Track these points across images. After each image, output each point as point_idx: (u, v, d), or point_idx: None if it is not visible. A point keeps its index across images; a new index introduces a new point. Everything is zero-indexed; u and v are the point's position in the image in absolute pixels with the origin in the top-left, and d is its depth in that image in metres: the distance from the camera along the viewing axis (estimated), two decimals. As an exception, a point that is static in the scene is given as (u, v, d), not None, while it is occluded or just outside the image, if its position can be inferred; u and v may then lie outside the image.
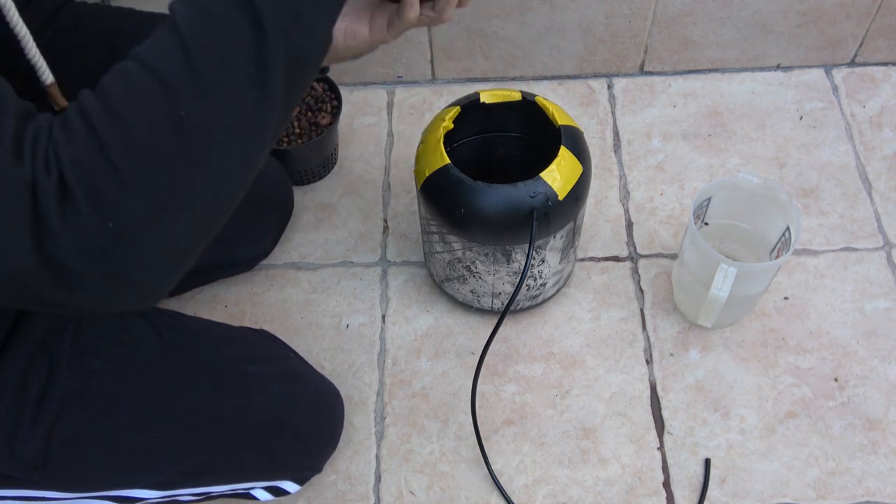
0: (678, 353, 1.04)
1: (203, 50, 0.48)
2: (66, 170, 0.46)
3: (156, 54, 0.48)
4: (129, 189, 0.46)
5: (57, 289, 0.48)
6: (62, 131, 0.47)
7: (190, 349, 0.82)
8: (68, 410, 0.74)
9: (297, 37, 0.50)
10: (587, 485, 0.96)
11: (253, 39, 0.48)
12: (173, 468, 0.79)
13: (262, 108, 0.50)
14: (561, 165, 0.89)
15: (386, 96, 1.29)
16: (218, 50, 0.48)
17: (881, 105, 1.25)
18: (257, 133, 0.50)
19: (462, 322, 1.07)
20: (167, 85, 0.47)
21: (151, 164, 0.47)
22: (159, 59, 0.48)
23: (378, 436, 1.00)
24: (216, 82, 0.48)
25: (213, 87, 0.48)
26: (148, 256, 0.49)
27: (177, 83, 0.47)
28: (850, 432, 0.98)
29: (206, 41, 0.48)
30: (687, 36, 1.24)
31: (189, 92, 0.48)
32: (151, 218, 0.48)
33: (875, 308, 1.07)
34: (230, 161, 0.50)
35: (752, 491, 0.95)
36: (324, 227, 1.16)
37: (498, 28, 1.21)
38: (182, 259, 0.51)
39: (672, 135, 1.23)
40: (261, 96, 0.49)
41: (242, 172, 0.51)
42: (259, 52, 0.48)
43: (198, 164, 0.48)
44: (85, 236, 0.46)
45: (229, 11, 0.48)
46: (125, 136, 0.47)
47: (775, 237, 0.99)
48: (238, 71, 0.48)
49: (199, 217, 0.50)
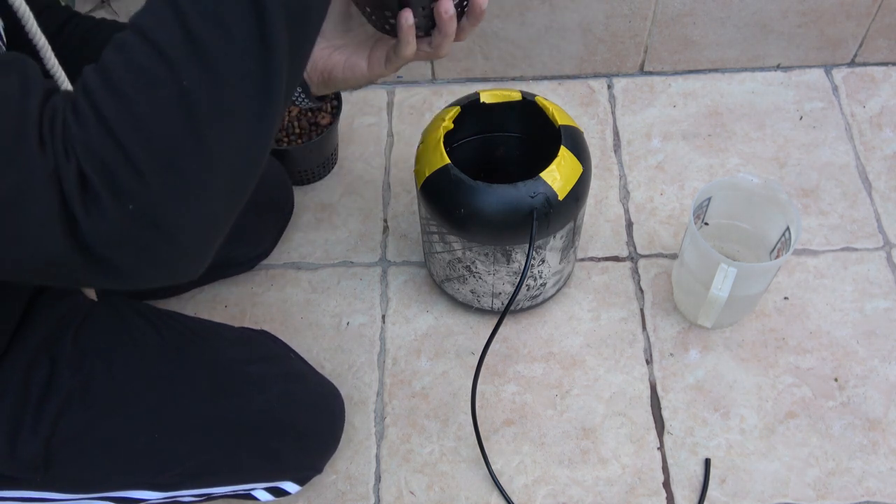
0: (678, 353, 1.04)
1: (199, 14, 0.46)
2: (81, 157, 0.45)
3: (153, 23, 0.47)
4: (143, 170, 0.46)
5: (92, 272, 0.48)
6: (72, 115, 0.46)
7: (190, 350, 0.82)
8: (69, 411, 0.74)
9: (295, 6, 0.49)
10: (587, 485, 0.96)
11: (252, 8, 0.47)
12: (174, 469, 0.79)
13: (268, 68, 0.48)
14: (561, 165, 0.89)
15: (386, 96, 1.29)
16: (216, 19, 0.46)
17: (881, 105, 1.25)
18: (267, 96, 0.48)
19: (462, 322, 1.07)
20: (166, 56, 0.46)
21: (161, 141, 0.46)
22: (156, 27, 0.47)
23: (378, 436, 1.00)
24: (215, 46, 0.46)
25: (212, 52, 0.46)
26: (176, 234, 0.48)
27: (175, 53, 0.46)
28: (850, 432, 0.98)
29: (203, 10, 0.46)
30: (687, 36, 1.24)
31: (189, 61, 0.46)
32: (171, 196, 0.47)
33: (875, 308, 1.07)
34: (243, 128, 0.49)
35: (752, 491, 0.95)
36: (324, 227, 1.16)
37: (498, 28, 1.21)
38: (213, 232, 0.51)
39: (672, 135, 1.23)
40: (265, 56, 0.47)
41: (258, 138, 0.50)
42: (259, 21, 0.47)
43: (208, 135, 0.47)
44: (109, 222, 0.46)
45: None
46: (130, 115, 0.46)
47: (775, 237, 0.99)
48: (237, 31, 0.46)
49: (221, 189, 0.49)
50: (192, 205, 0.48)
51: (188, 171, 0.47)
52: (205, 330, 0.85)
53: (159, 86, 0.46)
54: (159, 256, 0.49)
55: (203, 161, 0.47)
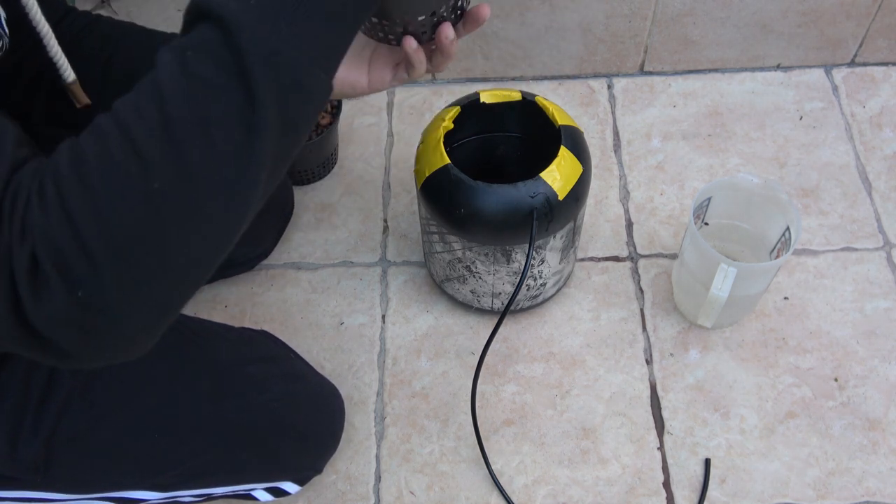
0: (678, 353, 1.04)
1: (184, 119, 0.44)
2: (38, 241, 0.44)
3: (134, 116, 0.45)
4: (99, 262, 0.44)
5: (36, 351, 0.47)
6: (37, 197, 0.45)
7: (190, 350, 0.82)
8: (70, 412, 0.74)
9: (293, 103, 0.46)
10: (587, 485, 0.96)
11: (242, 110, 0.44)
12: (174, 469, 0.79)
13: (246, 174, 0.46)
14: (561, 165, 0.89)
15: (386, 96, 1.29)
16: (201, 120, 0.44)
17: (881, 105, 1.25)
18: (238, 201, 0.47)
19: (462, 322, 1.07)
20: (141, 155, 0.44)
21: (122, 238, 0.45)
22: (136, 123, 0.45)
23: (378, 436, 1.00)
24: (195, 154, 0.44)
25: (190, 160, 0.44)
26: (123, 322, 0.47)
27: (151, 153, 0.44)
28: (850, 432, 0.98)
29: (189, 109, 0.44)
30: (687, 36, 1.24)
31: (164, 164, 0.44)
32: (123, 287, 0.46)
33: (875, 308, 1.07)
34: (209, 231, 0.47)
35: (752, 491, 0.95)
36: (324, 227, 1.16)
37: (498, 28, 1.21)
38: (163, 318, 0.50)
39: (672, 135, 1.23)
40: (247, 163, 0.46)
41: (223, 238, 0.49)
42: (248, 121, 0.44)
43: (171, 235, 0.46)
44: (56, 307, 0.45)
45: (219, 77, 0.44)
46: (95, 209, 0.44)
47: (775, 237, 0.99)
48: (222, 141, 0.45)
49: (176, 283, 0.48)
50: (142, 295, 0.47)
51: (144, 266, 0.46)
52: (205, 330, 0.85)
53: (130, 184, 0.44)
54: (104, 341, 0.48)
55: (161, 259, 0.46)
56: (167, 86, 0.44)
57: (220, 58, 0.44)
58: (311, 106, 0.48)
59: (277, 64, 0.44)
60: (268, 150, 0.46)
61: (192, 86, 0.44)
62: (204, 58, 0.44)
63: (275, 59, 0.44)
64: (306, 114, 0.48)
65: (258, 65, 0.44)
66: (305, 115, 0.48)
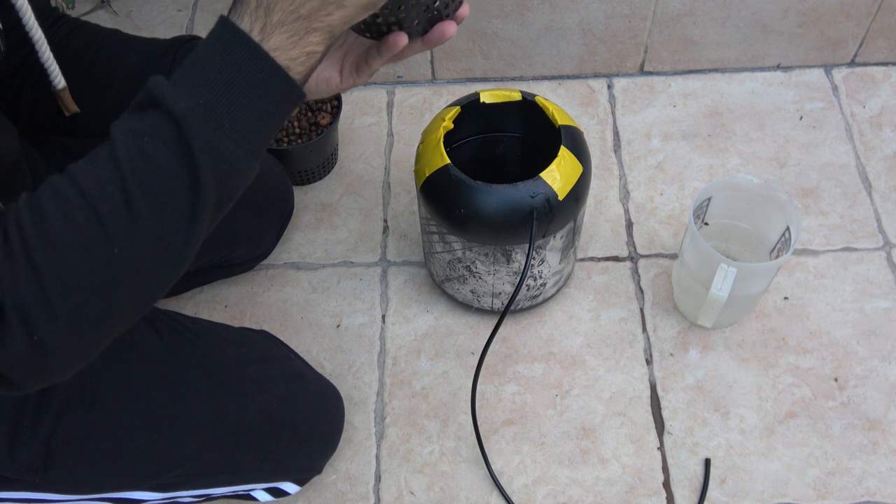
0: (678, 353, 1.04)
1: (142, 195, 0.51)
2: (4, 291, 0.49)
3: (95, 188, 0.51)
4: (58, 314, 0.51)
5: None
6: (3, 251, 0.50)
7: (190, 351, 0.82)
8: (69, 413, 0.73)
9: (228, 183, 0.54)
10: (587, 485, 0.96)
11: (190, 189, 0.52)
12: (173, 470, 0.79)
13: (189, 243, 0.54)
14: (561, 165, 0.89)
15: (386, 96, 1.29)
16: (156, 197, 0.51)
17: (881, 105, 1.25)
18: (182, 259, 0.54)
19: (462, 322, 1.07)
20: (104, 225, 0.51)
21: (80, 293, 0.51)
22: (99, 194, 0.51)
23: (378, 436, 1.00)
24: (151, 225, 0.52)
25: (147, 230, 0.52)
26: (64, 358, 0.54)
27: (114, 224, 0.51)
28: (850, 432, 0.98)
29: (146, 186, 0.51)
30: (687, 36, 1.24)
31: (125, 233, 0.51)
32: (72, 334, 0.52)
33: (875, 308, 1.07)
34: (156, 282, 0.55)
35: (752, 491, 0.95)
36: (324, 227, 1.16)
37: (498, 28, 1.21)
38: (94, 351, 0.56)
39: (672, 135, 1.23)
40: (190, 234, 0.53)
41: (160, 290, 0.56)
42: (193, 200, 0.52)
43: (124, 289, 0.53)
44: (13, 349, 0.50)
45: (171, 161, 0.51)
46: (59, 268, 0.50)
47: (775, 237, 0.99)
48: (172, 216, 0.52)
49: (113, 326, 0.55)
50: (86, 338, 0.54)
51: (94, 318, 0.53)
52: (204, 331, 0.85)
53: (92, 247, 0.51)
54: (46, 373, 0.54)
55: (108, 310, 0.53)
56: (126, 164, 0.51)
57: (173, 148, 0.52)
58: (242, 183, 0.56)
59: (218, 156, 0.52)
60: (206, 222, 0.54)
61: (149, 167, 0.51)
62: (159, 145, 0.52)
63: (216, 152, 0.52)
64: (238, 189, 0.57)
65: (203, 156, 0.52)
66: (237, 190, 0.57)
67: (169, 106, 0.51)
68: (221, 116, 0.53)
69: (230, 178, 0.54)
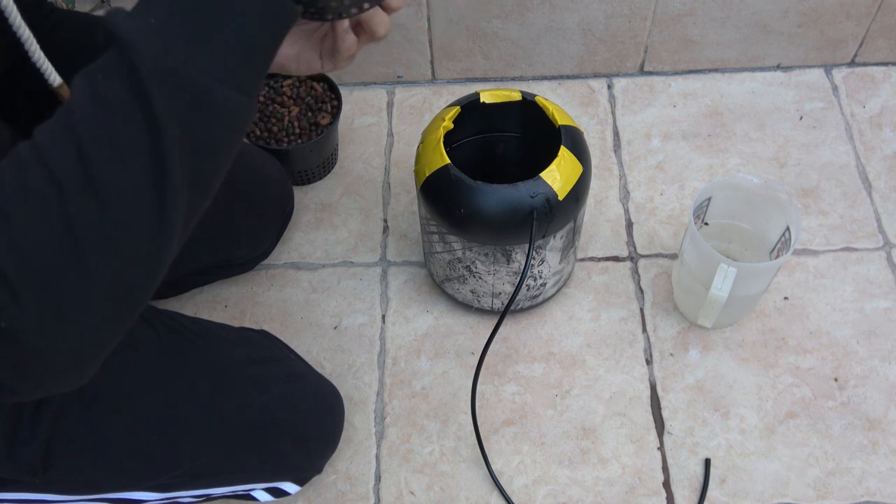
0: (678, 353, 1.04)
1: (94, 139, 0.44)
2: None
3: (49, 142, 0.45)
4: (20, 292, 0.44)
5: None
6: None
7: (190, 351, 0.82)
8: (68, 414, 0.73)
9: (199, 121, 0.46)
10: (587, 485, 0.96)
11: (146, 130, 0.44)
12: (173, 470, 0.79)
13: (163, 201, 0.46)
14: (561, 165, 0.89)
15: (386, 96, 1.29)
16: (110, 141, 0.44)
17: (881, 105, 1.25)
18: (161, 230, 0.46)
19: (462, 322, 1.07)
20: (54, 178, 0.44)
21: (41, 266, 0.44)
22: (50, 148, 0.44)
23: (378, 436, 1.00)
24: (108, 177, 0.44)
25: (104, 183, 0.44)
26: (48, 354, 0.46)
27: (66, 178, 0.44)
28: (850, 432, 0.98)
29: (98, 130, 0.44)
30: (687, 36, 1.24)
31: (78, 188, 0.44)
32: (46, 319, 0.45)
33: (875, 308, 1.07)
34: (131, 259, 0.47)
35: (752, 491, 0.95)
36: (324, 227, 1.16)
37: (498, 28, 1.21)
38: (94, 351, 0.49)
39: (672, 135, 1.23)
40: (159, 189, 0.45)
41: (148, 268, 0.48)
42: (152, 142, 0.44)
43: (92, 264, 0.45)
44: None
45: (121, 98, 0.44)
46: (11, 237, 0.44)
47: (775, 237, 0.99)
48: (132, 164, 0.44)
49: (102, 314, 0.47)
50: (68, 328, 0.46)
51: (67, 296, 0.45)
52: (204, 331, 0.85)
53: (45, 209, 0.44)
54: (35, 373, 0.47)
55: (83, 288, 0.45)
56: (78, 109, 0.45)
57: (121, 79, 0.44)
58: (223, 125, 0.47)
59: (176, 82, 0.44)
60: (178, 169, 0.45)
61: (100, 108, 0.44)
62: (108, 80, 0.44)
63: (172, 76, 0.44)
64: (219, 133, 0.47)
65: (154, 84, 0.44)
66: (219, 133, 0.47)
67: (115, 32, 0.44)
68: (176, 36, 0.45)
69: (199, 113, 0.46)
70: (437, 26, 1.21)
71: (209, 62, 0.46)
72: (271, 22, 0.48)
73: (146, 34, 0.44)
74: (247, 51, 0.47)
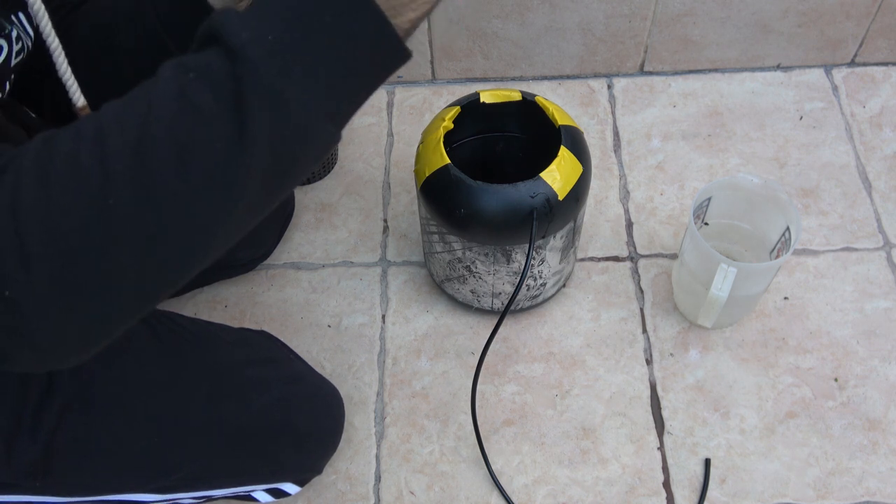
0: (678, 353, 1.04)
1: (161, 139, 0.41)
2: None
3: (114, 125, 0.42)
4: (34, 264, 0.41)
5: None
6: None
7: (189, 353, 0.81)
8: (68, 416, 0.73)
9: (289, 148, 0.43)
10: (587, 485, 0.96)
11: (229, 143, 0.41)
12: (174, 473, 0.79)
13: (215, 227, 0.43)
14: (561, 165, 0.89)
15: (386, 96, 1.29)
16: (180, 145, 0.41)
17: (881, 105, 1.25)
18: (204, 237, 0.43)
19: (462, 322, 1.07)
20: (105, 166, 0.41)
21: (63, 246, 0.42)
22: (113, 132, 0.42)
23: (378, 436, 1.00)
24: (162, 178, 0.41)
25: (155, 183, 0.41)
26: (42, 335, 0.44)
27: (115, 167, 0.41)
28: (850, 432, 0.98)
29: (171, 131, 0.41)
30: (687, 36, 1.24)
31: (124, 181, 0.41)
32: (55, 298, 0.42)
33: (875, 308, 1.07)
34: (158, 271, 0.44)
35: (752, 491, 0.95)
36: (324, 227, 1.16)
37: (498, 28, 1.21)
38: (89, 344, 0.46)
39: (672, 135, 1.23)
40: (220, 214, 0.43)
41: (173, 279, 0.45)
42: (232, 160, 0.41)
43: (117, 264, 0.42)
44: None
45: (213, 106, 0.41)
46: (44, 208, 0.41)
47: (775, 237, 0.99)
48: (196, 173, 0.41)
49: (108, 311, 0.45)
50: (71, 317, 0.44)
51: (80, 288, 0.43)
52: (204, 332, 0.85)
53: (85, 193, 0.41)
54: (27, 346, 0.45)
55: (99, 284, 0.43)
56: (157, 103, 0.42)
57: (220, 86, 0.41)
58: (309, 156, 0.45)
59: (279, 104, 0.42)
60: (248, 191, 0.43)
61: (182, 109, 0.42)
62: (202, 84, 0.42)
63: (277, 98, 0.42)
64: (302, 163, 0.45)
65: (257, 102, 0.41)
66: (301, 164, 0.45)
67: (226, 38, 0.41)
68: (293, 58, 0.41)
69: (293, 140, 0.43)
70: (437, 26, 1.21)
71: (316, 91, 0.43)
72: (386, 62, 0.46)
73: (261, 50, 0.41)
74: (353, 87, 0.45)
